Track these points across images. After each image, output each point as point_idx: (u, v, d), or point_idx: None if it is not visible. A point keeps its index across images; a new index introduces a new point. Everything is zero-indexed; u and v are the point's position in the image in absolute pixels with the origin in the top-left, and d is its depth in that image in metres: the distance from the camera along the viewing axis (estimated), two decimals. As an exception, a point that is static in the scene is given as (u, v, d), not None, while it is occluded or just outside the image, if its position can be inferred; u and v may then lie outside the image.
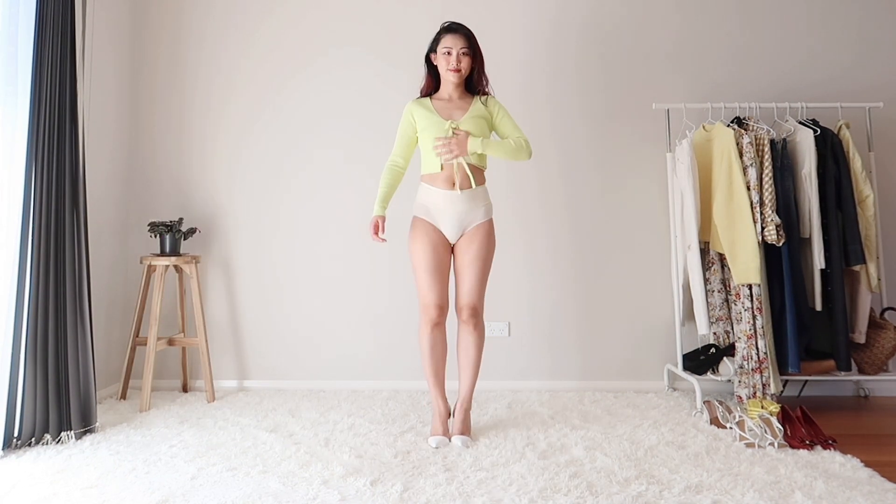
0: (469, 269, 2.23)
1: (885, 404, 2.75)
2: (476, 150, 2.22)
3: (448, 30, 2.29)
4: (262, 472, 1.90)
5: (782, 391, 2.64)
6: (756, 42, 3.09)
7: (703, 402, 2.52)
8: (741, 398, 2.55)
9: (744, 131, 2.67)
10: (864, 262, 2.60)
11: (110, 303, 2.98)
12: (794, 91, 2.99)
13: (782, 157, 2.65)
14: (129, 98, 3.17)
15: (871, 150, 2.83)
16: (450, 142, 2.20)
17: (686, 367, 2.73)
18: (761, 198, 2.57)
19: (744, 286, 2.55)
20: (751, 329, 2.54)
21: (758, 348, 2.52)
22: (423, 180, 2.31)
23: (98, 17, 2.82)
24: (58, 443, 2.17)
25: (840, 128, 2.75)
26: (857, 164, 2.69)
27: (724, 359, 2.66)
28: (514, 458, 2.00)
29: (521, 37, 3.14)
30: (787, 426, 2.24)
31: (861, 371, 2.68)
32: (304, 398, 2.83)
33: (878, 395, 2.88)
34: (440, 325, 2.22)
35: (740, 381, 2.56)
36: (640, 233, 3.05)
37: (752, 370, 2.53)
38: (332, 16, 3.19)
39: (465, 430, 2.20)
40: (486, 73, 2.36)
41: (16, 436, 2.11)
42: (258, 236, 3.13)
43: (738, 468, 1.90)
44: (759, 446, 2.09)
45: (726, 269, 2.68)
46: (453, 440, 2.15)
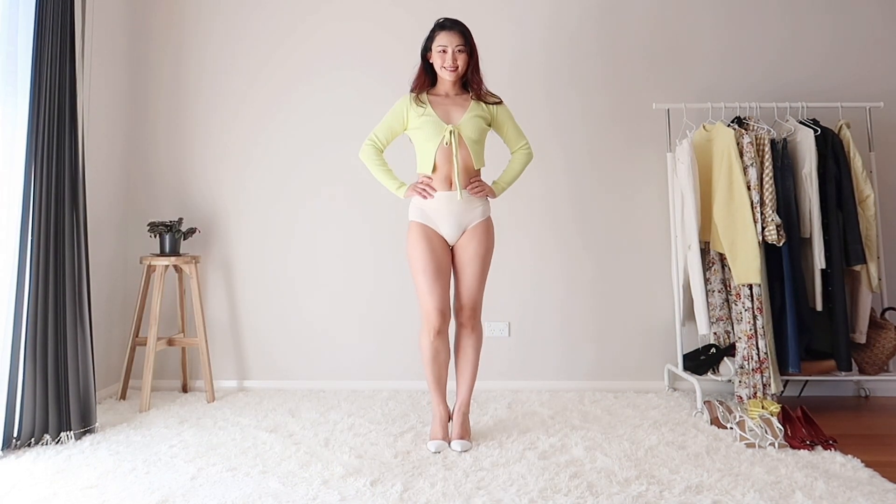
0: (468, 268, 2.21)
1: (885, 404, 2.75)
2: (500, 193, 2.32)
3: (442, 27, 2.21)
4: (262, 472, 1.89)
5: (783, 391, 2.64)
6: (756, 42, 3.09)
7: (704, 403, 2.52)
8: (741, 398, 2.54)
9: (744, 131, 2.66)
10: (864, 261, 2.60)
11: (110, 303, 2.98)
12: (795, 91, 2.98)
13: (783, 157, 2.65)
14: (128, 97, 3.16)
15: (871, 150, 2.82)
16: (483, 186, 2.24)
17: (686, 367, 2.73)
18: (762, 198, 2.56)
19: (744, 286, 2.55)
20: (751, 329, 2.54)
21: (758, 348, 2.52)
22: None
23: (98, 17, 2.82)
24: (57, 443, 2.16)
25: (840, 128, 2.75)
26: (857, 163, 2.69)
27: (725, 359, 2.66)
28: (514, 458, 2.00)
29: (520, 37, 3.13)
30: (788, 426, 2.24)
31: (861, 371, 2.68)
32: (304, 398, 2.83)
33: (879, 395, 2.88)
34: (443, 332, 2.16)
35: (741, 382, 2.56)
36: (640, 233, 3.05)
37: (753, 370, 2.52)
38: (333, 15, 3.19)
39: (465, 434, 2.17)
40: (481, 72, 2.28)
41: (15, 436, 2.11)
42: (258, 236, 3.13)
43: (738, 468, 1.89)
44: (760, 446, 2.09)
45: (726, 269, 2.68)
46: (452, 444, 2.12)
